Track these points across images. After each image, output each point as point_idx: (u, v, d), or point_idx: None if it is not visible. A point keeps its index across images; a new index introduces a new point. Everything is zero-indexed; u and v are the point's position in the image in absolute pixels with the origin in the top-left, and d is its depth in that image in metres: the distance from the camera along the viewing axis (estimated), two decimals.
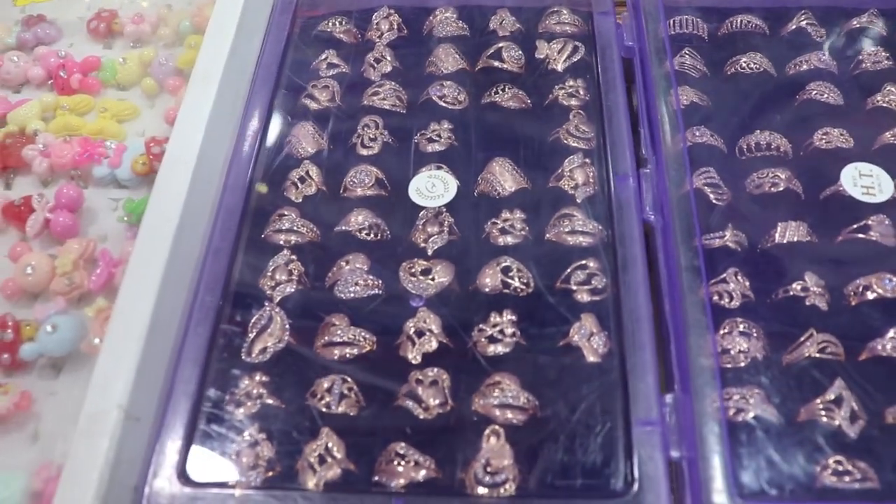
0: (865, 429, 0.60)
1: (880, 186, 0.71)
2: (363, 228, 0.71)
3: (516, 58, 0.81)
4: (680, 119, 0.73)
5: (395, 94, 0.79)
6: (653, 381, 0.60)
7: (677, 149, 0.71)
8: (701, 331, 0.62)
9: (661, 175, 0.69)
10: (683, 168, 0.70)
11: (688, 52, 0.81)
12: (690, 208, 0.68)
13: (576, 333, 0.64)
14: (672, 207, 0.67)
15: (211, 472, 0.59)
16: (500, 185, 0.72)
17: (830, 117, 0.77)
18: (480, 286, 0.67)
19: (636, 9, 0.80)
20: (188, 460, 0.59)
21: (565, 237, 0.69)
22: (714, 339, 0.62)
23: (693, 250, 0.66)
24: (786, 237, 0.69)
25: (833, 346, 0.64)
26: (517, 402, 0.61)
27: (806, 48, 0.82)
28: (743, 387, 0.61)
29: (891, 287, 0.66)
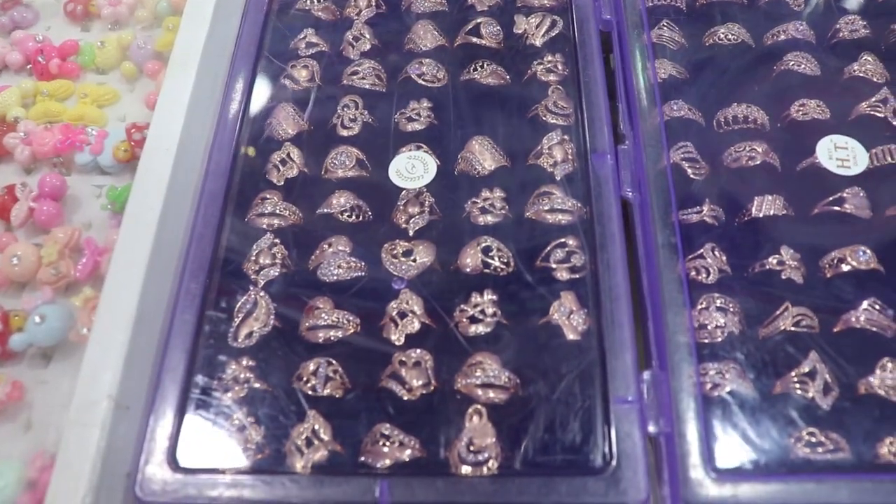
0: (838, 400, 0.61)
1: (855, 159, 0.71)
2: (345, 210, 0.71)
3: (494, 33, 0.80)
4: (657, 93, 0.72)
5: (374, 72, 0.79)
6: (630, 359, 0.61)
7: (654, 124, 0.71)
8: (677, 307, 0.63)
9: (639, 151, 0.69)
10: (660, 143, 0.70)
11: (666, 24, 0.80)
12: (667, 184, 0.68)
13: (555, 311, 0.65)
14: (649, 184, 0.68)
15: (201, 458, 0.60)
16: (480, 164, 0.72)
17: (808, 88, 0.77)
18: (461, 266, 0.68)
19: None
20: (178, 446, 0.60)
21: (545, 215, 0.70)
22: (690, 315, 0.63)
23: (670, 227, 0.66)
24: (762, 211, 0.69)
25: (808, 319, 0.65)
26: (498, 381, 0.62)
27: (784, 18, 0.81)
28: (719, 362, 0.62)
29: (864, 259, 0.67)
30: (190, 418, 0.61)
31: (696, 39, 0.80)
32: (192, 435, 0.61)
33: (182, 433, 0.61)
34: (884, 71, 0.77)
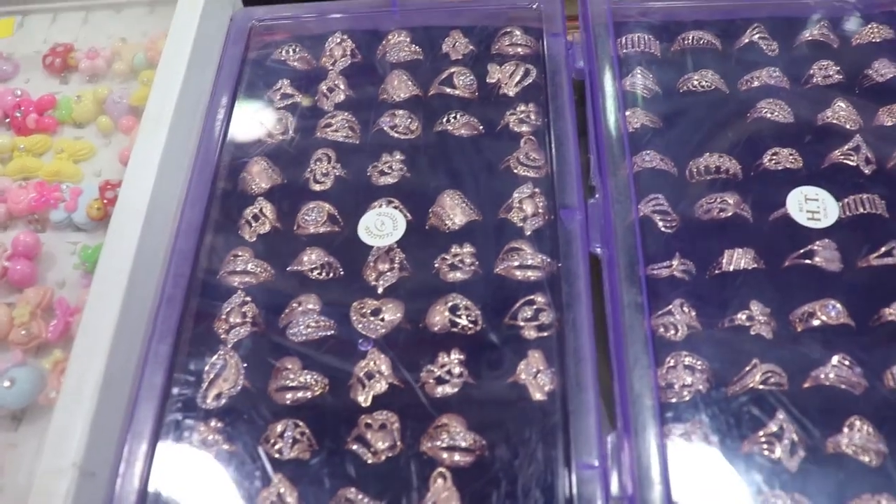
0: (805, 461, 0.60)
1: (826, 211, 0.71)
2: (315, 268, 0.72)
3: (468, 83, 0.81)
4: (626, 144, 0.72)
5: (347, 124, 0.79)
6: (594, 422, 0.61)
7: (623, 176, 0.71)
8: (643, 368, 0.63)
9: (607, 205, 0.69)
10: (629, 196, 0.70)
11: (640, 71, 0.80)
12: (635, 239, 0.68)
13: (522, 371, 0.65)
14: (617, 239, 0.68)
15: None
16: (450, 219, 0.72)
17: (781, 136, 0.76)
18: (429, 325, 0.68)
19: (586, 28, 0.79)
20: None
21: (514, 272, 0.70)
22: (655, 375, 0.63)
23: (636, 284, 0.66)
24: (732, 264, 0.69)
25: (777, 377, 0.64)
26: (463, 444, 0.62)
27: (758, 64, 0.81)
28: (685, 422, 0.62)
29: (834, 314, 0.66)
30: (156, 482, 0.62)
31: (670, 87, 0.80)
32: (158, 501, 0.61)
33: (148, 499, 0.61)
34: (857, 117, 0.77)
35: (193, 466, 0.63)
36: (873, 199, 0.72)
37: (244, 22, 0.85)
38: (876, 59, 0.80)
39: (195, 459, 0.63)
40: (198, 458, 0.63)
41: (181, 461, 0.63)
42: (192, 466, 0.63)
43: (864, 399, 0.63)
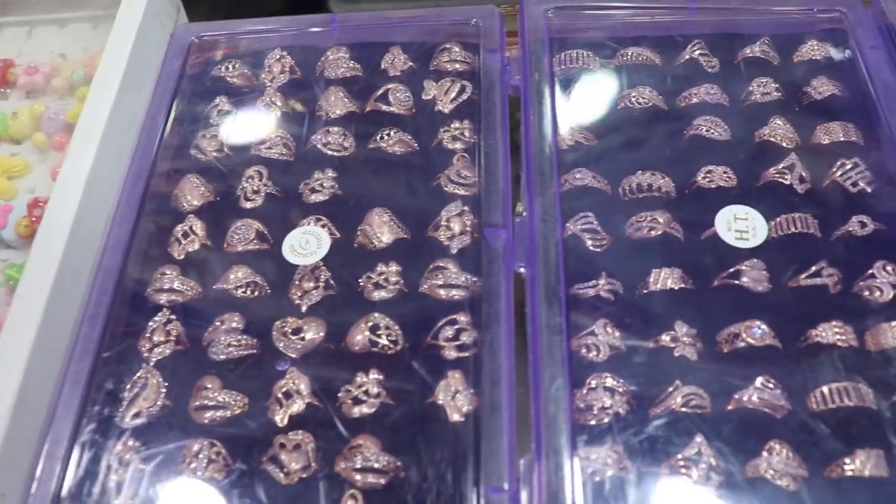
0: (722, 485, 0.60)
1: (754, 230, 0.70)
2: (240, 286, 0.71)
3: (403, 100, 0.81)
4: (555, 162, 0.72)
5: (282, 141, 0.79)
6: (506, 445, 0.60)
7: (550, 195, 0.71)
8: (558, 390, 0.62)
9: (532, 223, 0.69)
10: (554, 215, 0.69)
11: (577, 87, 0.80)
12: (558, 259, 0.68)
13: (441, 392, 0.65)
14: (539, 259, 0.67)
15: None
16: (377, 237, 0.72)
17: (717, 153, 0.76)
18: (350, 344, 0.68)
19: (522, 44, 0.79)
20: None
21: (438, 291, 0.69)
22: (571, 397, 0.62)
23: (556, 304, 0.66)
24: (658, 284, 0.69)
25: (698, 399, 0.64)
26: (377, 465, 0.62)
27: (697, 80, 0.80)
28: (603, 445, 0.62)
29: (759, 335, 0.66)
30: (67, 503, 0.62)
31: (607, 103, 0.80)
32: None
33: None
34: (794, 135, 0.76)
35: (106, 486, 0.62)
36: (805, 218, 0.71)
37: (184, 38, 0.86)
38: (815, 77, 0.80)
39: (108, 479, 0.63)
40: (111, 478, 0.63)
41: (94, 481, 0.63)
42: (105, 486, 0.62)
43: (786, 422, 0.63)
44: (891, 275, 0.68)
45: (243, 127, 0.82)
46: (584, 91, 0.80)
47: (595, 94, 0.81)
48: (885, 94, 0.76)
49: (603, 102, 0.80)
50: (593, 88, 0.81)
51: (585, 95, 0.80)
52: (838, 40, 0.82)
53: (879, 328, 0.66)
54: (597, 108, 0.80)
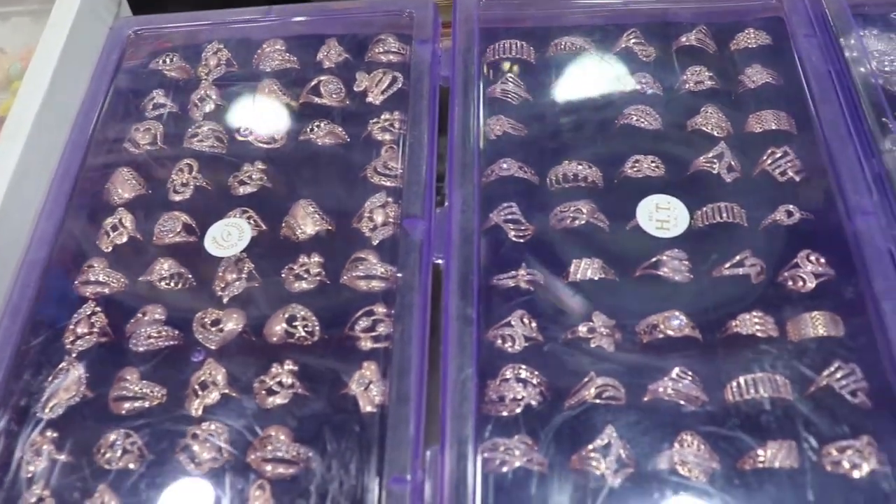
0: (632, 477, 0.60)
1: (676, 220, 0.70)
2: (164, 278, 0.72)
3: (335, 91, 0.81)
4: (476, 153, 0.72)
5: (214, 134, 0.80)
6: (412, 436, 0.60)
7: (470, 185, 0.71)
8: (466, 382, 0.62)
9: (450, 214, 0.69)
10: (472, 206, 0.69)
11: (511, 78, 0.80)
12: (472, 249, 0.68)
13: (354, 383, 0.65)
14: (454, 249, 0.67)
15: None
16: (300, 229, 0.73)
17: (647, 143, 0.76)
18: (267, 335, 0.68)
19: (453, 35, 0.79)
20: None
21: (358, 282, 0.70)
22: (477, 388, 0.62)
23: (469, 295, 0.66)
24: (578, 275, 0.69)
25: (613, 390, 0.63)
26: (287, 455, 0.62)
27: (632, 69, 0.80)
28: (511, 437, 0.62)
29: (677, 325, 0.66)
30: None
31: (541, 93, 0.80)
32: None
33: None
34: (726, 124, 0.76)
35: (18, 477, 0.63)
36: (731, 207, 0.71)
37: (123, 31, 0.86)
38: (750, 65, 0.79)
39: (21, 470, 0.63)
40: (25, 469, 0.63)
41: (6, 471, 0.63)
42: (17, 477, 0.63)
43: (701, 414, 0.62)
44: (814, 265, 0.68)
45: (177, 120, 0.82)
46: (516, 81, 0.80)
47: (529, 84, 0.81)
48: (818, 82, 0.76)
49: (537, 92, 0.80)
50: (527, 78, 0.81)
51: (517, 85, 0.80)
52: (774, 28, 0.81)
53: (800, 318, 0.66)
54: (531, 98, 0.80)
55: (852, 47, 0.77)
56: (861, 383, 0.62)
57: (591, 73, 0.80)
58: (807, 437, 0.61)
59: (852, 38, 0.77)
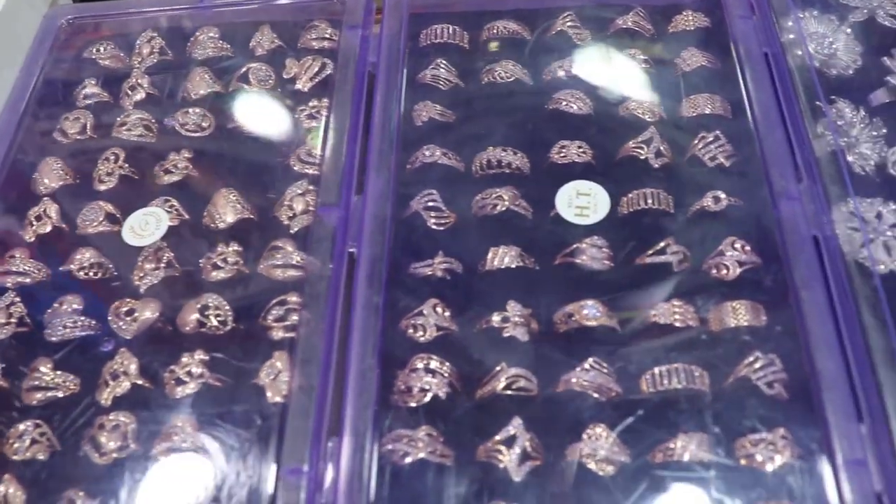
0: (538, 470, 0.59)
1: (596, 207, 0.69)
2: (84, 268, 0.72)
3: (264, 78, 0.80)
4: (395, 140, 0.72)
5: (142, 123, 0.80)
6: (311, 426, 0.60)
7: (387, 172, 0.70)
8: (369, 372, 0.62)
9: (364, 201, 0.68)
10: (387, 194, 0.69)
11: (443, 63, 0.79)
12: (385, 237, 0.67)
13: (263, 372, 0.64)
14: (365, 237, 0.67)
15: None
16: (220, 218, 0.72)
17: (577, 128, 0.75)
18: (180, 325, 0.68)
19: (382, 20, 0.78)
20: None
21: (274, 271, 0.69)
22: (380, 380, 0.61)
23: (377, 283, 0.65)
24: (496, 263, 0.68)
25: (524, 381, 0.62)
26: (190, 445, 0.62)
27: (565, 53, 0.79)
28: (417, 428, 0.61)
29: (592, 315, 0.64)
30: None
31: (472, 78, 0.79)
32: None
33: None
34: (658, 108, 0.74)
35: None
36: (657, 194, 0.70)
37: (56, 19, 0.87)
38: (686, 48, 0.77)
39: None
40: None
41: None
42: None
43: (614, 405, 0.62)
44: (739, 252, 0.66)
45: (107, 109, 0.82)
46: (449, 67, 0.79)
47: (461, 69, 0.80)
48: (751, 65, 0.74)
49: (469, 78, 0.79)
50: (460, 63, 0.80)
51: (451, 71, 0.79)
52: (711, 10, 0.79)
53: (722, 308, 0.65)
54: (462, 83, 0.79)
55: (789, 29, 0.75)
56: (779, 374, 0.61)
57: (523, 58, 0.79)
58: (721, 430, 0.60)
59: (790, 20, 0.75)
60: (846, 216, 0.66)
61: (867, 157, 0.70)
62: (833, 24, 0.77)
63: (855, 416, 0.58)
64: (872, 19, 0.77)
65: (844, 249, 0.65)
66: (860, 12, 0.77)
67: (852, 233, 0.66)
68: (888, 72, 0.74)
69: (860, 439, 0.57)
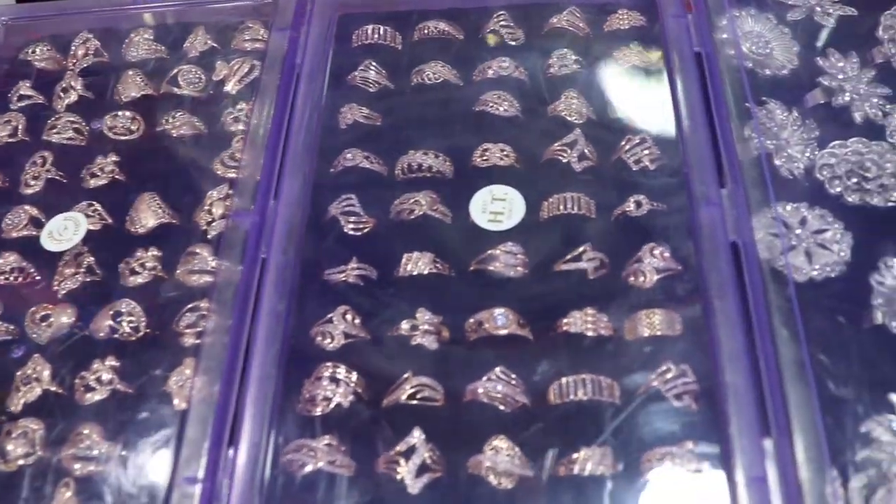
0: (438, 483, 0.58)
1: (511, 212, 0.68)
2: (5, 272, 0.72)
3: (194, 81, 0.80)
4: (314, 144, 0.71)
5: (72, 126, 0.80)
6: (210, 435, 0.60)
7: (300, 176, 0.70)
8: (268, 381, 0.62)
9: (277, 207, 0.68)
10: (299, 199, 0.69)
11: (372, 64, 0.79)
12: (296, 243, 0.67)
13: (172, 379, 0.65)
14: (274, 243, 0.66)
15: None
16: (140, 222, 0.72)
17: (503, 130, 0.74)
18: (94, 331, 0.68)
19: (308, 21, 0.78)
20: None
21: (189, 276, 0.69)
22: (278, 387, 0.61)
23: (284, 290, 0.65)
24: (409, 269, 0.67)
25: (429, 391, 0.62)
26: (96, 453, 0.62)
27: (497, 53, 0.78)
28: (315, 438, 0.60)
29: (502, 323, 0.64)
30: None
31: (402, 80, 0.78)
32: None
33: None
34: (587, 110, 0.73)
35: None
36: (578, 198, 0.69)
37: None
38: (619, 48, 0.76)
39: None
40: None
41: None
42: None
43: (520, 416, 0.61)
44: (658, 259, 0.65)
45: (38, 112, 0.83)
46: (375, 67, 0.79)
47: (392, 71, 0.79)
48: (683, 65, 0.73)
49: (399, 80, 0.79)
50: (390, 65, 0.79)
51: (381, 73, 0.79)
52: (647, 9, 0.78)
53: (636, 316, 0.64)
54: (392, 85, 0.79)
55: (724, 28, 0.74)
56: (690, 386, 0.60)
57: (454, 59, 0.78)
58: (627, 442, 0.60)
59: (724, 19, 0.74)
60: (769, 222, 0.65)
61: (796, 161, 0.69)
62: (770, 22, 0.75)
63: (759, 430, 0.57)
64: (810, 18, 0.75)
65: (764, 256, 0.64)
66: (798, 11, 0.75)
67: (774, 239, 0.65)
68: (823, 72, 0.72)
69: (762, 455, 0.56)
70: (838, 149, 0.68)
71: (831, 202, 0.67)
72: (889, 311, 0.61)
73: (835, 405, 0.58)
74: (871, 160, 0.67)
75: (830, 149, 0.69)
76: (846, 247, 0.65)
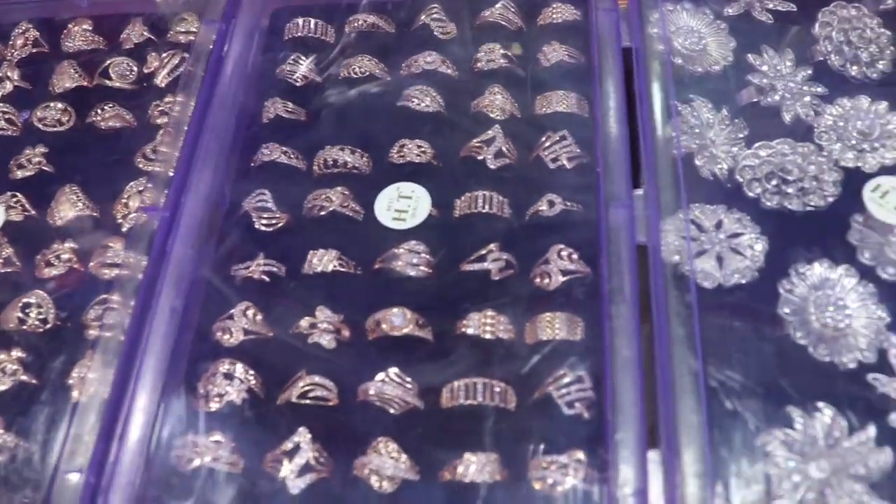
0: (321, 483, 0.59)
1: (415, 210, 0.68)
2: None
3: (125, 73, 0.82)
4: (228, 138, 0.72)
5: (4, 117, 0.82)
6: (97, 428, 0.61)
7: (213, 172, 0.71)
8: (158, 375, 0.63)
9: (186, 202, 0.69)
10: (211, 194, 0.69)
11: (301, 58, 0.79)
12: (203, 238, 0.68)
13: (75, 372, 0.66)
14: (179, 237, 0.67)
15: None
16: (59, 214, 0.74)
17: (424, 126, 0.74)
18: (3, 322, 0.70)
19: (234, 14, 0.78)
20: None
21: (101, 269, 0.71)
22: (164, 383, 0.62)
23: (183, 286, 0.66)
24: (313, 266, 0.67)
25: (322, 390, 0.63)
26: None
27: (426, 47, 0.78)
28: (207, 434, 0.61)
29: (398, 323, 0.64)
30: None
31: (331, 74, 0.79)
32: None
33: None
34: (511, 106, 0.73)
35: None
36: (491, 197, 0.69)
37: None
38: (549, 43, 0.75)
39: None
40: None
41: None
42: None
43: (409, 419, 0.61)
44: (565, 261, 0.65)
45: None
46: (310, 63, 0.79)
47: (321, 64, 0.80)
48: (609, 61, 0.72)
49: (328, 74, 0.79)
50: (320, 58, 0.80)
51: (311, 67, 0.79)
52: (581, 2, 0.77)
53: (537, 319, 0.63)
54: (319, 79, 0.79)
55: (655, 23, 0.72)
56: (585, 393, 0.60)
57: (382, 52, 0.78)
58: (515, 449, 0.59)
59: (656, 13, 0.73)
60: (681, 224, 0.64)
61: (720, 161, 0.68)
62: (707, 18, 0.74)
63: (645, 442, 0.56)
64: (748, 14, 0.74)
65: (673, 260, 0.63)
66: (736, 6, 0.74)
67: (684, 242, 0.64)
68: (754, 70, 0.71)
69: (644, 467, 0.55)
70: (762, 150, 0.67)
71: (750, 205, 0.66)
72: (796, 321, 0.60)
73: (728, 418, 0.58)
74: (794, 162, 0.66)
75: (754, 149, 0.67)
76: (760, 252, 0.64)
